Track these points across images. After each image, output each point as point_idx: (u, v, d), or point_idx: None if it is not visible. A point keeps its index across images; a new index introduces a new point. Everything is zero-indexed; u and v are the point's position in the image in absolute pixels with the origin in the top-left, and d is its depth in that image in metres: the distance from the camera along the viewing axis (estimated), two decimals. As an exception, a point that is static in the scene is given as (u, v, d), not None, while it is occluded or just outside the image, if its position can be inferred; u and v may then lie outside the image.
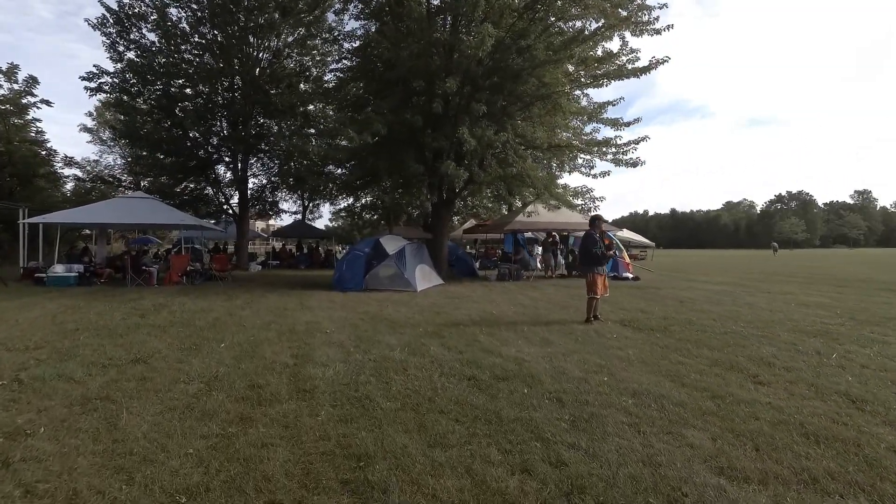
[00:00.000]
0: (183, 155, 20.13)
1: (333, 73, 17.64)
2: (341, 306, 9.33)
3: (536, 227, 15.66)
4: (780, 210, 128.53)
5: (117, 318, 7.52)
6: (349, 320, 7.57)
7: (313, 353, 5.19)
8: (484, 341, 5.92)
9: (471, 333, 6.46)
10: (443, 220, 15.80)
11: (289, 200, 29.06)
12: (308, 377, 4.27)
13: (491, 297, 11.05)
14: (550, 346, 5.68)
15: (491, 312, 8.56)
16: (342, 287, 12.40)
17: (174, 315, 7.89)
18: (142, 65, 18.42)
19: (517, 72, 12.84)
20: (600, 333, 6.56)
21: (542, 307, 9.34)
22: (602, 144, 14.71)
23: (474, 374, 4.43)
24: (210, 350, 5.33)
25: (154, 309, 8.53)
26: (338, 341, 5.91)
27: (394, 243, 13.06)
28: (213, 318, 7.56)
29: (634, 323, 7.42)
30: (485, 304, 9.85)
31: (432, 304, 9.60)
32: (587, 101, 15.57)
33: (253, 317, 7.86)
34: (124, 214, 13.95)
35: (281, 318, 7.70)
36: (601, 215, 7.86)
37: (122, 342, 5.71)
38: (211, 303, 9.53)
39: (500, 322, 7.52)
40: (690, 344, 5.88)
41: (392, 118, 12.12)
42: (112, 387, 3.95)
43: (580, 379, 4.30)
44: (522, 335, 6.39)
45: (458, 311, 8.62)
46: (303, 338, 6.10)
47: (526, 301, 10.29)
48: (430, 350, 5.40)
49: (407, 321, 7.51)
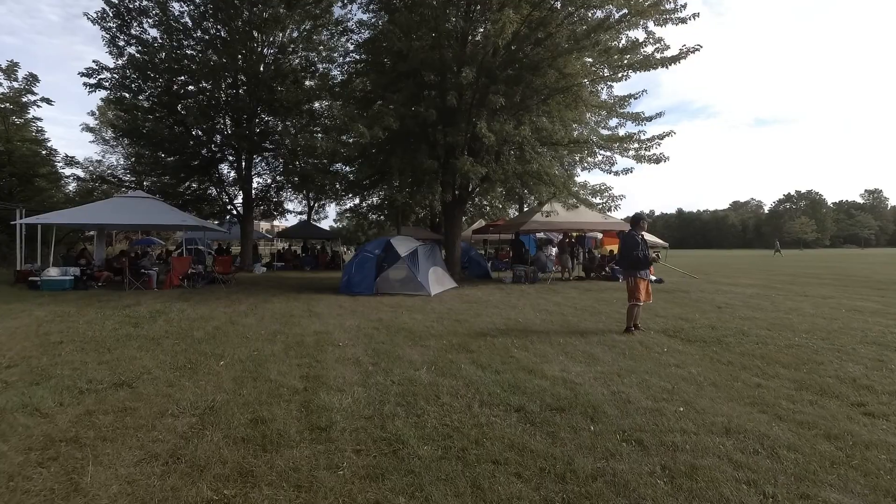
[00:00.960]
0: (185, 154, 19.52)
1: (340, 68, 16.98)
2: (352, 313, 8.61)
3: (554, 227, 14.90)
4: (789, 210, 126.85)
5: (108, 327, 6.83)
6: (362, 330, 6.85)
7: (326, 374, 4.46)
8: (520, 357, 5.17)
9: (502, 347, 5.72)
10: (455, 220, 15.05)
11: (294, 200, 28.43)
12: (322, 407, 3.54)
13: (511, 302, 10.30)
14: (598, 364, 4.93)
15: (517, 320, 7.81)
16: (351, 291, 11.69)
17: (171, 324, 7.19)
18: (143, 61, 17.80)
19: (536, 63, 12.11)
20: (647, 346, 5.80)
21: (569, 314, 8.58)
22: (624, 140, 13.93)
23: (521, 403, 3.68)
24: (207, 369, 4.61)
25: (150, 316, 7.84)
26: (352, 357, 5.18)
27: (405, 244, 12.34)
28: (213, 328, 6.85)
29: (680, 333, 6.65)
30: (506, 309, 9.11)
31: (450, 311, 8.86)
32: (607, 95, 14.80)
33: (257, 325, 7.15)
34: (123, 215, 13.29)
35: (287, 327, 6.98)
36: (644, 214, 7.08)
37: (108, 359, 5.01)
38: (212, 309, 8.83)
39: (529, 332, 6.78)
40: (757, 360, 5.11)
41: (404, 112, 11.40)
42: (84, 422, 3.24)
43: (652, 410, 3.55)
44: (561, 349, 5.64)
45: (479, 319, 7.88)
46: (312, 352, 5.38)
47: (550, 307, 9.53)
48: (462, 369, 4.66)
49: (426, 331, 6.78)
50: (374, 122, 10.73)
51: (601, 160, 14.81)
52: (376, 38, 14.01)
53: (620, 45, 12.42)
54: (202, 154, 20.18)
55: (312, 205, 28.88)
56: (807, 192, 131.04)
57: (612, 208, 14.77)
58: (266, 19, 18.60)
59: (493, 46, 11.24)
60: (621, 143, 14.19)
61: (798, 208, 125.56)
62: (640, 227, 6.89)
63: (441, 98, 12.48)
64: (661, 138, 13.86)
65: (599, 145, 14.44)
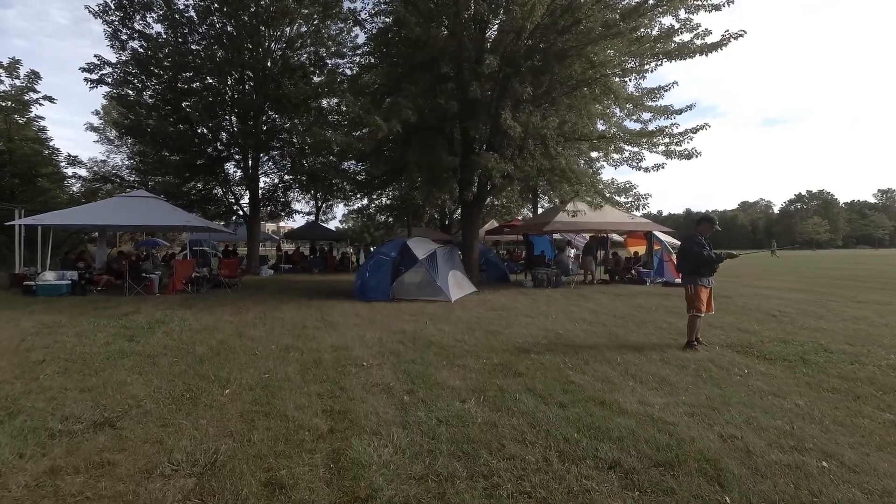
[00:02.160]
0: (190, 152, 18.84)
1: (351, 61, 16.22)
2: (370, 322, 7.81)
3: (578, 227, 14.04)
4: (800, 210, 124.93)
5: (100, 341, 6.06)
6: (386, 345, 6.03)
7: (354, 408, 3.64)
8: (581, 383, 4.33)
9: (553, 367, 4.88)
10: (473, 220, 14.23)
11: (301, 201, 27.73)
12: (356, 463, 2.72)
13: (540, 309, 9.47)
14: (679, 392, 4.09)
15: (555, 332, 6.97)
16: (365, 296, 10.90)
17: (171, 337, 6.41)
18: (146, 56, 17.14)
19: (563, 51, 11.26)
20: (723, 367, 4.95)
21: (610, 323, 7.72)
22: (655, 134, 13.06)
23: (613, 454, 2.84)
24: (210, 400, 3.81)
25: (148, 327, 7.07)
26: (381, 382, 4.37)
27: (423, 246, 11.53)
28: (217, 342, 6.07)
29: (750, 349, 5.79)
30: (538, 318, 8.28)
31: (478, 320, 8.03)
32: (634, 87, 13.91)
33: (267, 338, 6.36)
34: (124, 215, 12.56)
35: (301, 341, 6.18)
36: (712, 216, 6.18)
37: (93, 384, 4.22)
38: (217, 318, 8.06)
39: (576, 347, 5.94)
40: (866, 385, 4.25)
41: (422, 104, 10.59)
42: (45, 489, 2.44)
43: (788, 466, 2.71)
44: (623, 370, 4.80)
45: (513, 331, 7.05)
46: (333, 375, 4.57)
47: (585, 314, 8.68)
48: (518, 401, 3.83)
49: (459, 346, 5.96)
50: (390, 114, 9.92)
51: (628, 156, 13.94)
52: (389, 28, 13.21)
53: (653, 32, 11.56)
54: (207, 153, 19.52)
55: (320, 205, 28.16)
56: (818, 192, 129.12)
57: (639, 207, 13.86)
58: (273, 13, 17.90)
59: (518, 32, 10.39)
60: (650, 138, 13.33)
61: (809, 208, 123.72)
62: (707, 229, 6.01)
63: (460, 90, 11.65)
64: (694, 132, 12.97)
65: (627, 140, 13.58)
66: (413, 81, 11.28)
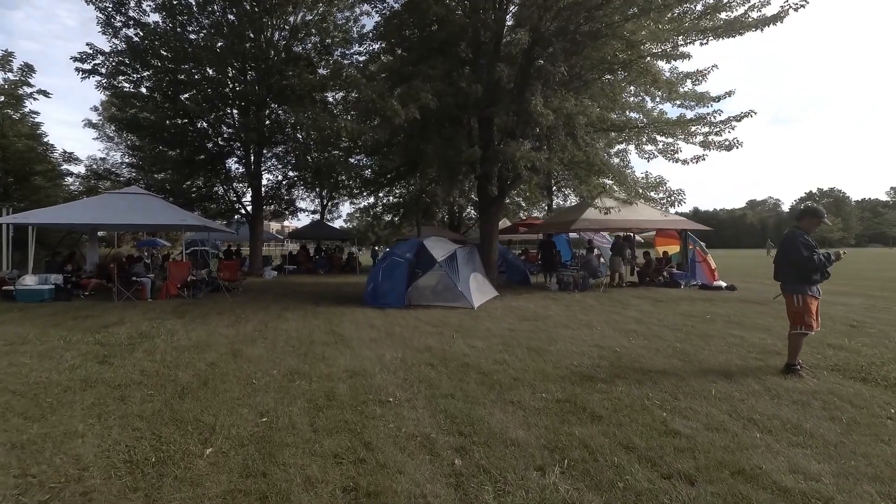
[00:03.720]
0: (189, 147, 17.82)
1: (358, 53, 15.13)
2: (387, 335, 6.70)
3: (608, 225, 12.89)
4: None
5: (65, 364, 4.97)
6: (413, 368, 4.92)
7: (389, 486, 2.52)
8: (690, 433, 3.19)
9: (638, 405, 3.75)
10: (492, 218, 13.08)
11: (306, 199, 26.71)
12: None
13: (577, 317, 8.34)
14: (830, 448, 2.94)
15: (610, 348, 5.83)
16: (378, 302, 9.81)
17: (152, 357, 5.32)
18: (142, 45, 16.12)
19: (597, 29, 10.12)
20: (853, 402, 3.80)
21: (668, 337, 6.57)
22: (694, 122, 11.90)
23: None
24: (182, 468, 2.71)
25: (128, 344, 5.99)
26: (418, 432, 3.25)
27: (442, 247, 10.41)
28: (206, 365, 4.97)
29: (867, 374, 4.64)
30: (580, 329, 7.15)
31: (512, 333, 6.91)
32: (670, 72, 12.71)
33: (267, 359, 5.26)
34: (115, 213, 11.50)
35: (309, 363, 5.08)
36: (818, 208, 5.01)
37: (30, 436, 3.13)
38: (211, 330, 6.97)
39: (644, 370, 4.80)
40: None
41: (442, 88, 9.46)
42: None
43: None
44: (731, 410, 3.66)
45: (559, 347, 5.92)
46: (353, 419, 3.46)
47: (632, 325, 7.54)
48: (618, 468, 2.69)
49: (502, 370, 4.84)
50: (407, 99, 8.80)
51: (662, 148, 12.76)
52: (400, 14, 12.08)
53: (697, 7, 10.38)
54: (208, 148, 18.51)
55: (326, 203, 27.10)
56: (829, 190, 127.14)
57: (673, 203, 12.64)
58: (275, 2, 16.84)
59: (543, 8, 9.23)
60: (688, 127, 12.17)
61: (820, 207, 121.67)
62: (811, 225, 4.86)
63: (481, 73, 10.52)
64: (737, 119, 11.81)
65: (662, 130, 12.41)
66: (430, 66, 10.16)
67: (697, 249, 14.35)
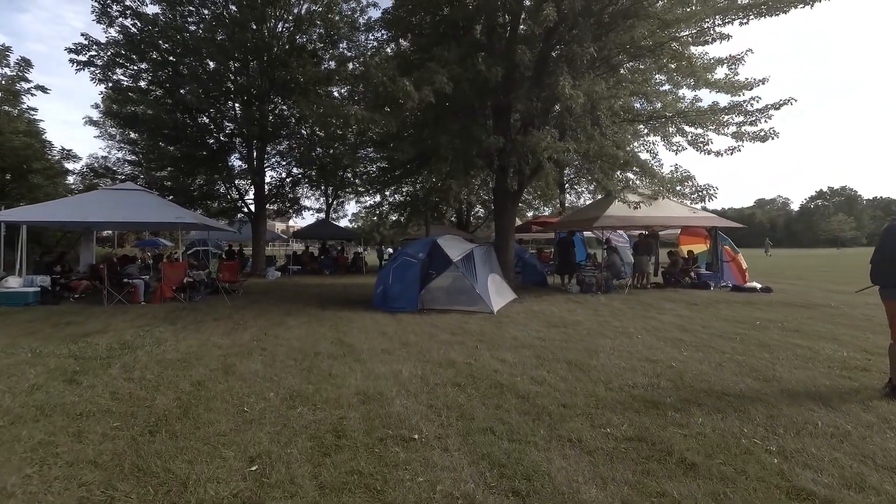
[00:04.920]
0: (189, 143, 17.09)
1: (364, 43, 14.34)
2: (402, 345, 5.90)
3: (635, 223, 12.01)
4: (822, 207, 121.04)
5: (25, 384, 4.20)
6: (437, 390, 4.11)
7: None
8: (823, 492, 2.36)
9: (734, 445, 2.91)
10: (508, 214, 12.26)
11: (311, 197, 25.94)
12: None
13: (609, 323, 7.50)
14: None
15: (664, 363, 4.99)
16: (388, 306, 9.02)
17: (130, 373, 4.55)
18: (141, 36, 15.43)
19: (625, 8, 9.27)
20: None
21: (724, 347, 5.71)
22: (729, 111, 11.02)
23: None
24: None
25: (106, 357, 5.21)
26: (457, 490, 2.43)
27: (457, 246, 9.60)
28: (191, 385, 4.18)
29: None
30: (620, 339, 6.31)
31: (543, 342, 6.08)
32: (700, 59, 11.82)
33: (264, 376, 4.47)
34: (106, 211, 10.74)
35: (313, 383, 4.28)
36: None
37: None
38: (204, 339, 6.20)
39: (718, 393, 3.96)
40: None
41: (458, 72, 8.64)
42: None
43: None
44: (856, 452, 2.81)
45: (604, 361, 5.09)
46: (369, 469, 2.65)
47: (675, 332, 6.69)
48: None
49: (545, 393, 4.02)
50: (421, 82, 7.99)
51: (692, 139, 11.87)
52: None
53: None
54: (209, 144, 17.79)
55: (331, 202, 26.33)
56: (840, 189, 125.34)
57: (703, 199, 11.73)
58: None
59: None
60: (720, 117, 11.30)
61: (831, 205, 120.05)
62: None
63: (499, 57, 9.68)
64: (776, 108, 10.92)
65: (692, 120, 11.54)
66: (445, 49, 9.34)
67: (726, 248, 13.48)
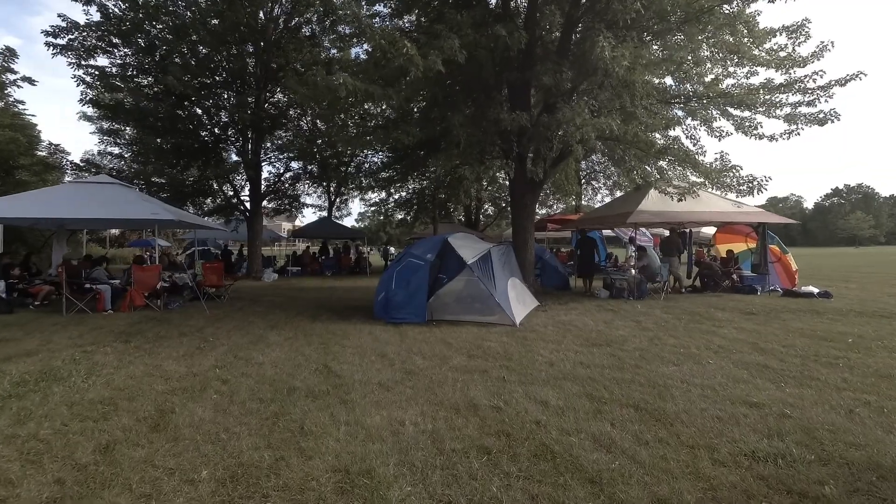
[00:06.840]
0: (180, 133, 15.86)
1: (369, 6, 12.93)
2: (406, 375, 4.51)
3: (671, 219, 10.55)
4: (838, 205, 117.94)
5: None
6: (457, 461, 2.71)
7: None
8: None
9: None
10: (527, 210, 10.82)
11: (312, 194, 24.69)
12: None
13: (661, 340, 6.08)
14: None
15: (778, 412, 3.55)
16: (391, 317, 7.64)
17: (22, 425, 3.19)
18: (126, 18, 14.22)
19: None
20: None
21: (837, 381, 4.27)
22: (785, 88, 9.53)
23: None
24: None
25: (7, 394, 3.88)
26: None
27: (471, 245, 8.19)
28: (97, 449, 2.81)
29: None
30: (686, 364, 4.88)
31: (589, 371, 4.66)
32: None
33: (206, 434, 3.09)
34: (76, 206, 9.41)
35: (274, 446, 2.90)
36: None
37: None
38: (154, 365, 4.84)
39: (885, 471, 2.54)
40: None
41: (474, 38, 7.23)
42: None
43: None
44: None
45: (680, 406, 3.66)
46: None
47: (753, 355, 5.25)
48: None
49: (618, 466, 2.61)
50: (428, 47, 6.59)
51: (739, 122, 10.36)
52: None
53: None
54: (201, 136, 16.57)
55: (334, 199, 25.03)
56: (857, 186, 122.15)
57: (752, 192, 10.18)
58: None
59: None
60: (774, 96, 9.80)
61: (848, 203, 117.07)
62: None
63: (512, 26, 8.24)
64: (841, 84, 9.41)
65: (738, 101, 10.03)
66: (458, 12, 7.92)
67: (772, 248, 11.95)
